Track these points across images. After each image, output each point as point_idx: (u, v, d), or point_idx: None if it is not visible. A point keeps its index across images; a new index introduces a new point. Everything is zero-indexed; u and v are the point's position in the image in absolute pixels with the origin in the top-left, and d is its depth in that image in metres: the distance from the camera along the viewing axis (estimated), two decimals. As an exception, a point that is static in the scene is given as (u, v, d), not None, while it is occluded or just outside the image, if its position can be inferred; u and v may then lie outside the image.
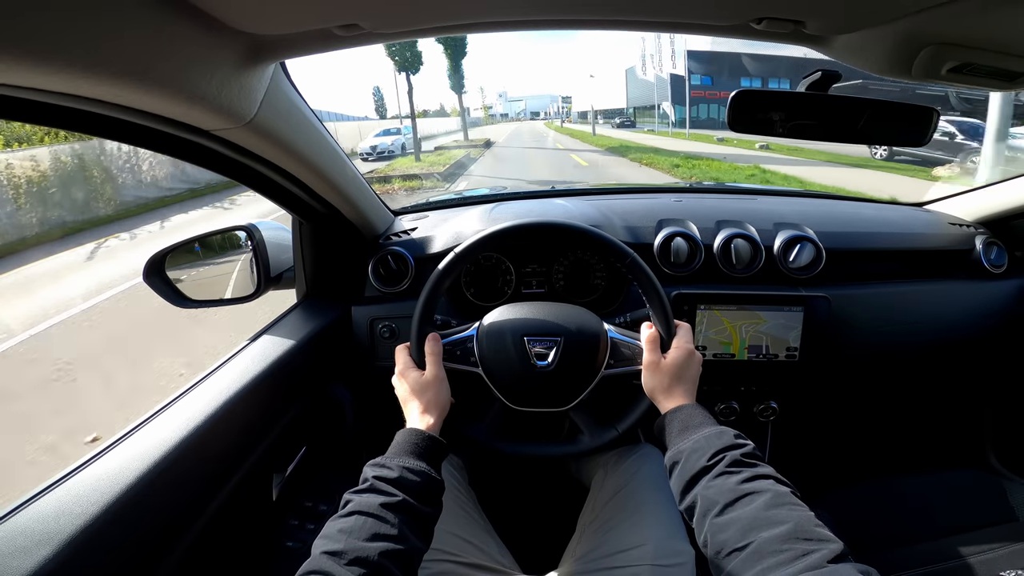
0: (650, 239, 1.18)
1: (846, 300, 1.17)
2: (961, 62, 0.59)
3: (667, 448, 0.70)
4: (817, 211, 1.34)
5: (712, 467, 0.61)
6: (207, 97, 0.54)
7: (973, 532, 1.00)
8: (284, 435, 0.95)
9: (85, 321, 4.62)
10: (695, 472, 0.62)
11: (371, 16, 0.53)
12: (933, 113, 0.78)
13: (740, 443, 0.64)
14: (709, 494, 0.59)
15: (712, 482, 0.60)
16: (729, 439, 0.64)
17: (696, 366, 0.80)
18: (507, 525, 1.00)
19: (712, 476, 0.61)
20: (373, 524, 0.57)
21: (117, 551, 0.60)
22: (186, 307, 1.04)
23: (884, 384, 1.41)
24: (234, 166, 0.76)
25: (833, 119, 0.80)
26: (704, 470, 0.62)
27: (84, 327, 4.49)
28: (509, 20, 0.56)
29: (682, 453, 0.65)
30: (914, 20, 0.52)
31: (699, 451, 0.64)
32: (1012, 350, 1.29)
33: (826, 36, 0.61)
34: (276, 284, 1.13)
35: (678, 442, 0.68)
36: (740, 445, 0.63)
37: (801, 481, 0.99)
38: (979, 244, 1.27)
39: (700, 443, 0.65)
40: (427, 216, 1.31)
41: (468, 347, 0.88)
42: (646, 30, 0.61)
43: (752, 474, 0.59)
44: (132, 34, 0.44)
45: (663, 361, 0.79)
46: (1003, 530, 1.00)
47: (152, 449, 0.68)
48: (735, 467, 0.60)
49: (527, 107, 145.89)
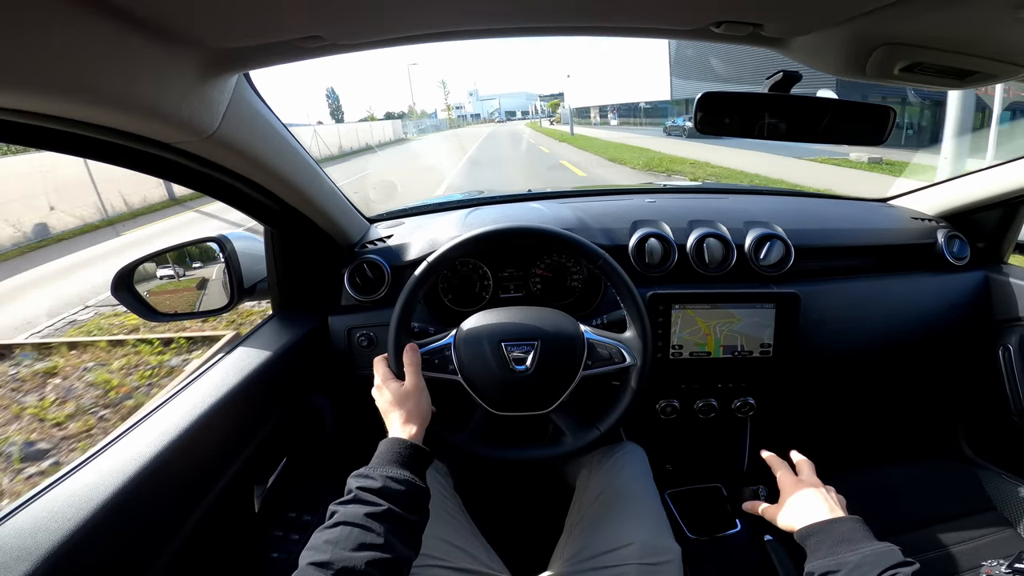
0: (625, 240, 1.19)
1: (816, 296, 1.19)
2: (912, 61, 0.60)
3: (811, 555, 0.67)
4: (786, 209, 1.37)
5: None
6: (167, 110, 0.54)
7: (952, 522, 1.01)
8: (264, 446, 0.94)
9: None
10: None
11: (332, 28, 0.52)
12: (891, 112, 0.80)
13: (910, 561, 0.60)
14: None
15: None
16: (898, 556, 0.61)
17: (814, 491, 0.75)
18: (495, 529, 1.00)
19: None
20: (359, 534, 0.57)
21: (96, 566, 0.59)
22: (156, 321, 1.03)
23: (856, 377, 1.44)
24: (200, 178, 0.75)
25: (797, 119, 0.81)
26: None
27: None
28: (471, 29, 0.56)
29: (844, 564, 0.61)
30: (865, 21, 0.54)
31: (867, 563, 0.60)
32: (977, 339, 1.33)
33: (784, 38, 0.62)
34: (250, 295, 1.12)
35: (838, 551, 0.64)
36: (911, 563, 0.60)
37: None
38: (941, 237, 1.31)
39: (869, 558, 0.61)
40: (403, 223, 1.31)
41: (446, 355, 0.88)
42: (606, 35, 0.61)
43: None
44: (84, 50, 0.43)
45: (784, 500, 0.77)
46: (981, 519, 1.02)
47: (128, 463, 0.67)
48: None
49: (501, 106, 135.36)
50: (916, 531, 1.00)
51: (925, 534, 0.99)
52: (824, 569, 0.62)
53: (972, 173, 1.30)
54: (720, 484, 1.29)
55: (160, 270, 1.05)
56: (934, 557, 0.95)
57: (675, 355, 1.14)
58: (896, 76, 0.64)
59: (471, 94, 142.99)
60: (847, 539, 0.65)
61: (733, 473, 1.36)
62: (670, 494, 1.26)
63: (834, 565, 0.62)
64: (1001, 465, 1.29)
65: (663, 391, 1.24)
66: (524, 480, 1.39)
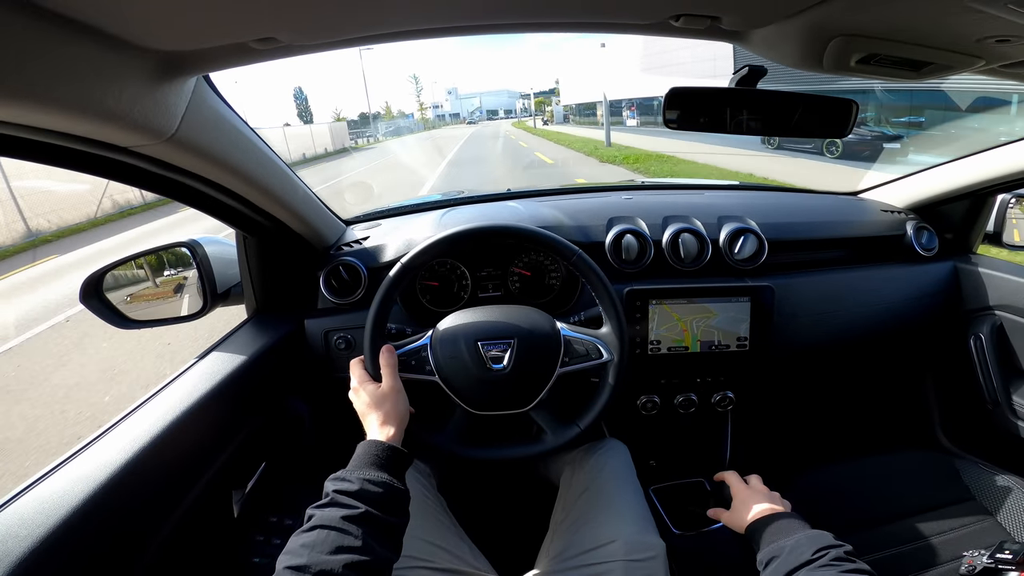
0: (601, 237, 1.20)
1: (789, 288, 1.21)
2: (867, 53, 0.61)
3: (758, 547, 0.76)
4: (758, 203, 1.39)
5: (815, 560, 0.65)
6: (119, 115, 0.53)
7: (932, 512, 1.02)
8: (241, 451, 0.93)
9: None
10: (798, 564, 0.66)
11: (287, 30, 0.52)
12: (853, 105, 0.81)
13: (840, 543, 0.68)
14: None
15: (814, 573, 0.64)
16: (830, 539, 0.68)
17: (758, 494, 0.87)
18: (479, 529, 1.00)
19: (814, 567, 0.64)
20: (336, 537, 0.57)
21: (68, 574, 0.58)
22: (128, 328, 1.01)
23: (832, 368, 1.46)
24: (162, 182, 0.73)
25: (766, 114, 0.82)
26: (807, 562, 0.65)
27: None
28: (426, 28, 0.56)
29: (783, 548, 0.69)
30: (818, 12, 0.54)
31: (802, 547, 0.68)
32: (948, 329, 1.35)
33: (742, 31, 0.63)
34: (224, 300, 1.11)
35: (777, 539, 0.73)
36: (840, 545, 0.67)
37: (763, 468, 1.01)
38: (910, 229, 1.33)
39: (802, 541, 0.69)
40: (380, 224, 1.30)
41: (423, 356, 0.88)
42: (567, 31, 0.62)
43: (854, 568, 0.63)
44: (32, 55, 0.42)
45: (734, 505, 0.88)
46: (960, 509, 1.02)
47: (98, 470, 0.66)
48: (837, 561, 0.64)
49: (483, 104, 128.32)
50: (895, 522, 1.01)
51: (904, 525, 1.00)
52: (768, 556, 0.71)
53: (939, 165, 1.33)
54: (703, 478, 1.30)
55: (130, 276, 1.04)
56: (914, 548, 0.95)
57: (653, 350, 1.15)
58: (853, 68, 0.65)
59: (449, 92, 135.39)
60: (784, 529, 0.74)
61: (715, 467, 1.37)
62: (654, 490, 1.27)
63: (775, 551, 0.70)
64: (978, 454, 1.31)
65: (643, 387, 1.25)
66: (508, 480, 1.39)
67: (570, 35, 44.42)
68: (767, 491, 0.88)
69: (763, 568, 0.71)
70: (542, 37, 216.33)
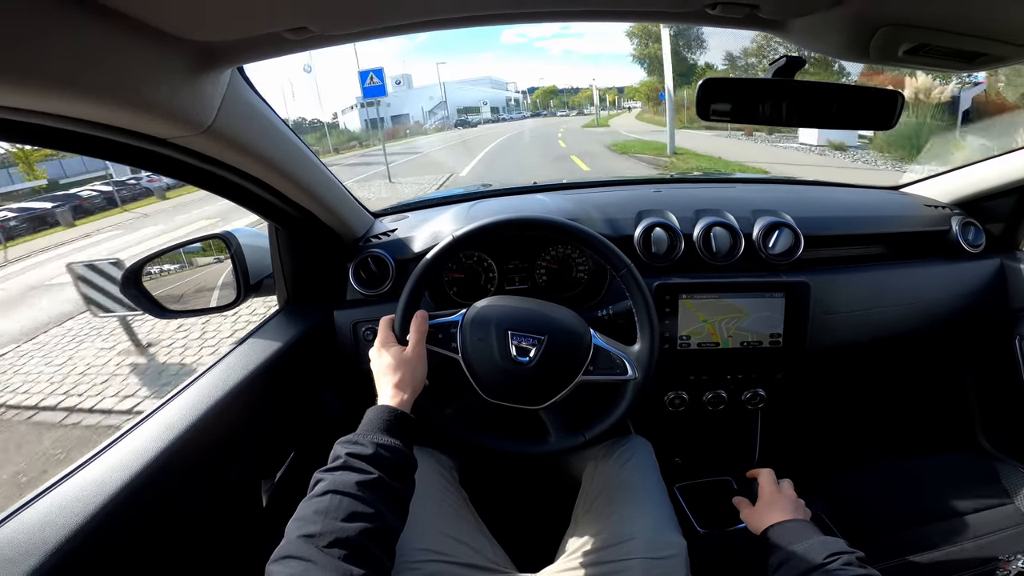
0: (630, 230, 1.18)
1: (826, 284, 1.17)
2: (917, 43, 0.58)
3: (771, 550, 0.76)
4: (794, 197, 1.35)
5: (826, 564, 0.66)
6: (158, 106, 0.54)
7: (969, 516, 1.00)
8: (270, 441, 0.94)
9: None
10: (808, 568, 0.67)
11: (319, 19, 0.52)
12: (899, 97, 0.78)
13: (852, 550, 0.68)
14: None
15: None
16: (843, 545, 0.69)
17: (785, 499, 0.86)
18: (499, 523, 0.99)
19: (824, 571, 0.65)
20: (350, 503, 0.56)
21: (103, 561, 0.60)
22: (164, 317, 1.04)
23: (868, 367, 1.41)
24: (198, 174, 0.75)
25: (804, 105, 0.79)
26: (818, 566, 0.66)
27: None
28: (460, 16, 0.55)
29: (794, 552, 0.70)
30: (865, 0, 0.52)
31: (813, 551, 0.69)
32: (993, 328, 1.30)
33: (782, 20, 0.61)
34: (257, 291, 1.13)
35: (790, 543, 0.73)
36: (852, 551, 0.68)
37: (795, 468, 0.99)
38: (955, 225, 1.28)
39: (815, 546, 0.70)
40: (407, 217, 1.31)
41: (451, 332, 0.87)
42: (600, 20, 0.60)
43: (864, 574, 0.64)
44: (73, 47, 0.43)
45: (758, 505, 0.88)
46: (999, 513, 1.00)
47: (135, 458, 0.68)
48: (848, 567, 0.65)
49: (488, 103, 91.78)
50: (932, 524, 0.99)
51: (941, 527, 0.98)
52: (780, 560, 0.73)
53: (986, 159, 1.27)
54: (730, 477, 1.28)
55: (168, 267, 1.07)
56: (950, 550, 0.94)
57: (683, 345, 1.13)
58: (901, 59, 0.62)
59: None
60: (797, 534, 0.75)
61: (743, 466, 1.35)
62: (679, 487, 1.25)
63: (787, 555, 0.72)
64: (1019, 458, 1.27)
65: (671, 383, 1.23)
66: (530, 474, 1.39)
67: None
68: (794, 498, 0.87)
69: (773, 572, 0.73)
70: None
